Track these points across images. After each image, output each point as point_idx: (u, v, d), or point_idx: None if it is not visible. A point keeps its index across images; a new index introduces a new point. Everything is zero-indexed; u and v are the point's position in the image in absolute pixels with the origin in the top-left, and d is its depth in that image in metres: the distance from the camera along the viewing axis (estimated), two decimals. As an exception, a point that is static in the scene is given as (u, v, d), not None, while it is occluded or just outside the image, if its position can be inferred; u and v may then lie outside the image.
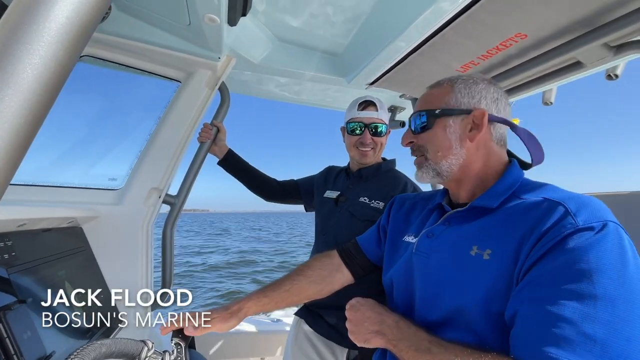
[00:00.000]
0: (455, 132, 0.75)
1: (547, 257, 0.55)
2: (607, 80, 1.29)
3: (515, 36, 1.05)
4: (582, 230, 0.54)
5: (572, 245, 0.54)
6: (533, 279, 0.56)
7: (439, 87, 0.81)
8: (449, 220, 0.77)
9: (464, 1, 0.93)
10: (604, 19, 0.91)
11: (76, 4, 0.27)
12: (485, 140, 0.75)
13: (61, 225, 1.16)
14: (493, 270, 0.62)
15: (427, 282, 0.73)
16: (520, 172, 0.75)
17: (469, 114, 0.74)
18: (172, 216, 1.43)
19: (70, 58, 0.28)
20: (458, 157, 0.75)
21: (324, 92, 1.78)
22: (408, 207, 0.96)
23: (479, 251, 0.65)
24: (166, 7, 1.08)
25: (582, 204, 0.58)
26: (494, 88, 0.77)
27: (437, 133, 0.76)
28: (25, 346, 0.72)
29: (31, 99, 0.26)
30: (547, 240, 0.56)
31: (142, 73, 1.38)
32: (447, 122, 0.76)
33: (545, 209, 0.60)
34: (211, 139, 1.48)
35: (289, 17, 1.27)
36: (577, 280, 0.51)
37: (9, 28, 0.25)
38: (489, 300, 0.61)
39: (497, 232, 0.65)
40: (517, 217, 0.64)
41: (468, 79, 0.78)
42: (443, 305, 0.67)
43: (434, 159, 0.77)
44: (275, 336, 1.88)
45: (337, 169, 1.55)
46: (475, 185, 0.76)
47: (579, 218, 0.56)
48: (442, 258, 0.72)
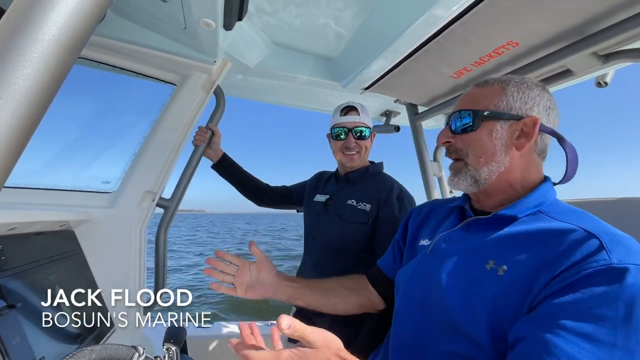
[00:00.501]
0: (502, 137, 0.69)
1: (571, 288, 0.51)
2: (597, 87, 1.32)
3: (507, 44, 1.07)
4: (615, 269, 0.49)
5: (602, 284, 0.49)
6: (550, 308, 0.51)
7: (488, 86, 0.74)
8: (469, 226, 0.73)
9: (457, 9, 0.94)
10: (592, 29, 0.93)
11: (74, 8, 0.28)
12: (529, 151, 0.70)
13: (53, 228, 1.15)
14: (505, 287, 0.59)
15: (436, 285, 0.70)
16: (553, 191, 0.71)
17: (519, 120, 0.69)
18: (166, 219, 1.43)
19: (67, 62, 0.28)
20: (500, 165, 0.70)
21: (320, 96, 1.79)
22: (425, 214, 0.93)
23: (495, 266, 0.62)
24: (162, 11, 1.08)
25: (618, 241, 0.53)
26: (548, 96, 0.72)
27: (482, 137, 0.71)
28: (14, 352, 0.71)
29: (27, 103, 0.26)
30: (574, 272, 0.52)
31: (137, 76, 1.38)
32: (495, 126, 0.70)
33: (576, 239, 0.55)
34: (206, 143, 1.48)
35: (285, 21, 1.28)
36: (600, 324, 0.47)
37: (7, 30, 0.26)
38: (494, 317, 0.58)
39: (517, 249, 0.61)
40: (543, 239, 0.60)
41: (522, 83, 0.72)
42: (446, 312, 0.65)
43: (475, 165, 0.71)
44: (267, 340, 1.86)
45: (327, 174, 1.57)
46: (507, 196, 0.72)
47: (613, 255, 0.51)
48: (455, 265, 0.69)
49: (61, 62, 0.28)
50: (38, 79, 0.26)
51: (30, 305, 0.86)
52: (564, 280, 0.52)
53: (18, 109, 0.25)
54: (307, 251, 1.42)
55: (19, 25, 0.26)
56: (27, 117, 0.26)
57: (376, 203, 1.27)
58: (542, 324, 0.51)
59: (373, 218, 1.26)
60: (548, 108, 0.71)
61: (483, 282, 0.62)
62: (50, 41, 0.26)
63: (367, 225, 1.26)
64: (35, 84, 0.26)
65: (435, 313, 0.68)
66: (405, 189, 1.34)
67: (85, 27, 0.28)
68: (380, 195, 1.28)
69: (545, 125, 0.69)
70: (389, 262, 1.01)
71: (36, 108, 0.27)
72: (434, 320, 0.68)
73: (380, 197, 1.28)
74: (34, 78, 0.26)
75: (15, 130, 0.25)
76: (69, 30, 0.27)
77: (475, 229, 0.72)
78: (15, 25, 0.26)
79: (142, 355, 0.66)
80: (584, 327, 0.48)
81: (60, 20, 0.27)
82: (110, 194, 1.39)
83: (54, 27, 0.27)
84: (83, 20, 0.28)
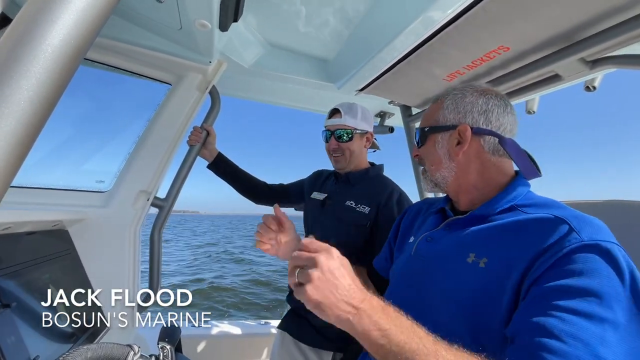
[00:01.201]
0: (444, 147, 0.78)
1: (551, 272, 0.54)
2: (586, 91, 1.35)
3: (499, 48, 1.09)
4: (588, 246, 0.53)
5: (577, 261, 0.52)
6: (538, 294, 0.53)
7: (435, 103, 0.84)
8: (450, 225, 0.78)
9: (451, 13, 0.96)
10: (580, 36, 0.96)
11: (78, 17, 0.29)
12: (476, 153, 0.76)
13: (47, 228, 1.15)
14: (487, 278, 0.62)
15: (423, 284, 0.73)
16: (525, 186, 0.74)
17: (455, 129, 0.76)
18: (161, 219, 1.43)
19: (70, 69, 0.29)
20: (450, 170, 0.78)
21: (314, 96, 1.80)
22: (414, 213, 0.98)
23: (476, 259, 0.65)
24: (157, 11, 1.09)
25: (585, 221, 0.58)
26: (484, 99, 0.76)
27: (429, 148, 0.82)
28: (10, 351, 0.71)
29: (31, 110, 0.27)
30: (549, 255, 0.55)
31: (132, 75, 1.38)
32: (437, 138, 0.80)
33: (548, 225, 0.59)
34: (201, 142, 1.48)
35: (280, 22, 1.29)
36: (588, 300, 0.49)
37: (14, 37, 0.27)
38: (476, 309, 0.61)
39: (495, 242, 0.65)
40: (518, 229, 0.63)
41: (457, 94, 0.79)
42: (434, 309, 0.68)
43: (430, 172, 0.83)
44: (261, 339, 1.88)
45: (326, 172, 1.58)
46: (475, 196, 0.77)
47: (583, 234, 0.55)
48: (439, 263, 0.73)
49: (65, 69, 0.29)
50: (42, 86, 0.27)
51: (25, 304, 0.86)
52: (543, 265, 0.55)
53: (23, 115, 0.26)
54: None
55: (25, 33, 0.27)
56: (31, 124, 0.27)
57: (376, 206, 1.27)
58: (534, 311, 0.52)
59: (372, 221, 1.26)
60: (484, 112, 0.75)
61: (465, 275, 0.65)
62: (53, 49, 0.27)
63: (366, 228, 1.26)
64: (39, 90, 0.27)
65: (421, 313, 0.70)
66: (405, 193, 1.33)
67: (88, 35, 0.30)
68: (380, 198, 1.28)
69: (482, 128, 0.75)
70: (381, 261, 1.03)
71: (40, 115, 0.28)
72: (421, 320, 0.70)
73: (380, 200, 1.28)
74: (38, 86, 0.27)
75: (19, 135, 0.26)
76: (72, 38, 0.28)
77: (455, 227, 0.76)
78: (22, 33, 0.27)
79: (137, 354, 0.66)
80: (573, 304, 0.50)
81: (64, 30, 0.28)
82: (105, 193, 1.39)
83: (58, 36, 0.28)
84: (87, 28, 0.29)
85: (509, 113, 0.77)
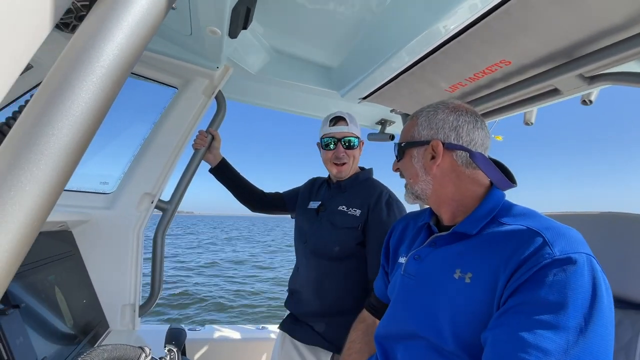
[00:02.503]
0: (419, 161, 0.82)
1: (526, 286, 0.57)
2: (582, 105, 1.39)
3: (500, 62, 1.13)
4: (558, 261, 0.57)
5: (549, 276, 0.56)
6: (510, 307, 0.58)
7: (410, 120, 0.89)
8: (435, 242, 0.80)
9: (455, 28, 0.99)
10: (579, 52, 1.00)
11: (132, 29, 0.31)
12: (450, 166, 0.79)
13: (51, 229, 1.15)
14: (474, 293, 0.64)
15: (415, 304, 0.76)
16: (501, 196, 0.77)
17: (428, 144, 0.80)
18: (164, 222, 1.43)
19: (121, 78, 0.31)
20: (427, 183, 0.82)
21: (318, 103, 1.82)
22: (400, 230, 0.99)
23: (462, 274, 0.68)
24: (169, 17, 1.11)
25: (559, 234, 0.61)
26: (455, 116, 0.81)
27: (406, 163, 0.86)
28: (18, 351, 0.72)
29: (86, 119, 0.29)
30: (525, 270, 0.58)
31: (139, 78, 1.39)
32: (412, 152, 0.84)
33: (523, 238, 0.62)
34: (206, 146, 1.49)
35: (286, 30, 1.31)
36: (553, 312, 0.53)
37: (76, 48, 0.29)
38: (469, 323, 0.63)
39: (478, 256, 0.68)
40: (497, 243, 0.66)
41: (430, 111, 0.84)
42: (429, 328, 0.70)
43: (409, 184, 0.86)
44: (261, 343, 1.88)
45: (320, 180, 1.60)
46: (454, 207, 0.80)
47: (555, 248, 0.58)
48: (428, 281, 0.75)
49: (115, 82, 0.31)
50: (96, 98, 0.29)
51: (32, 305, 0.87)
52: (520, 278, 0.59)
53: (78, 127, 0.28)
54: (299, 256, 1.45)
55: (85, 49, 0.29)
56: (85, 133, 0.29)
57: (366, 208, 1.31)
58: (507, 322, 0.57)
59: (363, 223, 1.30)
60: (455, 127, 0.79)
61: (454, 292, 0.68)
62: (108, 64, 0.29)
63: (357, 230, 1.29)
64: (94, 102, 0.29)
65: (418, 333, 0.73)
66: (394, 194, 1.38)
67: (137, 50, 0.32)
68: (370, 200, 1.32)
69: (453, 143, 0.79)
70: (381, 287, 1.04)
71: (92, 125, 0.30)
72: (418, 340, 0.73)
73: (369, 202, 1.32)
74: (93, 98, 0.29)
75: (77, 141, 0.28)
76: (123, 53, 0.30)
77: (440, 243, 0.79)
78: (81, 49, 0.29)
79: (148, 356, 0.68)
80: (541, 318, 0.54)
81: (117, 46, 0.30)
82: (109, 195, 1.39)
83: (113, 51, 0.30)
84: (137, 44, 0.31)
85: (479, 128, 0.80)
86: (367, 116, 1.99)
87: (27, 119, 0.27)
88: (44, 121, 0.27)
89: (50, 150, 0.26)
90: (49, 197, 0.28)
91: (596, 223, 0.84)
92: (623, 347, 0.71)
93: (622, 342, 0.72)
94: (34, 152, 0.26)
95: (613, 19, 0.86)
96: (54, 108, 0.27)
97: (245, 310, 7.31)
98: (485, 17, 0.93)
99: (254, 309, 7.43)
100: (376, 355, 0.85)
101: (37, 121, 0.27)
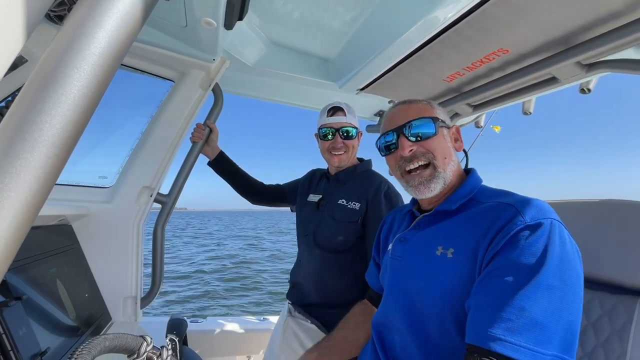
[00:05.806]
0: (450, 140, 0.85)
1: (502, 252, 0.63)
2: (581, 93, 1.39)
3: (498, 51, 1.12)
4: (530, 226, 0.62)
5: (522, 240, 0.62)
6: (489, 272, 0.63)
7: (418, 103, 0.88)
8: (419, 224, 0.84)
9: (452, 16, 0.98)
10: (577, 40, 0.99)
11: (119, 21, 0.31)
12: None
13: (51, 223, 1.16)
14: (456, 267, 0.69)
15: (405, 284, 0.79)
16: (479, 180, 0.84)
17: (451, 128, 0.87)
18: (163, 215, 1.44)
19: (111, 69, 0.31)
20: (454, 163, 0.84)
21: (316, 95, 1.81)
22: (390, 221, 1.02)
23: (444, 250, 0.72)
24: (163, 9, 1.09)
25: (529, 205, 0.67)
26: (442, 110, 0.89)
27: (442, 140, 0.82)
28: (21, 343, 0.73)
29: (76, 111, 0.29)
30: (501, 237, 0.64)
31: (136, 71, 1.38)
32: (444, 130, 0.85)
33: (499, 211, 0.68)
34: (203, 139, 1.49)
35: (283, 21, 1.30)
36: (527, 271, 0.58)
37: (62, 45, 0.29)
38: (453, 296, 0.67)
39: (459, 233, 0.73)
40: (476, 218, 0.72)
41: (430, 102, 0.90)
42: (421, 306, 0.74)
43: (442, 166, 0.79)
44: (260, 335, 1.91)
45: (320, 172, 1.60)
46: (447, 191, 0.83)
47: (527, 216, 0.64)
48: (413, 259, 0.79)
49: (105, 73, 0.31)
50: (87, 89, 0.29)
51: (34, 298, 0.88)
52: (496, 246, 0.64)
53: (70, 116, 0.28)
54: (301, 249, 1.46)
55: (74, 39, 0.29)
56: (77, 122, 0.29)
57: (365, 201, 1.31)
58: (486, 286, 0.62)
59: (362, 216, 1.30)
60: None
61: (437, 268, 0.72)
62: (97, 55, 0.29)
63: (357, 224, 1.30)
64: (84, 93, 0.29)
65: (412, 312, 0.76)
66: (393, 186, 1.38)
67: (126, 41, 0.32)
68: (369, 193, 1.32)
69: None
70: (373, 279, 1.06)
71: (84, 114, 0.30)
72: (413, 319, 0.76)
73: (368, 195, 1.32)
74: (84, 88, 0.29)
75: (69, 132, 0.28)
76: (112, 44, 0.30)
77: (424, 225, 0.83)
78: (70, 40, 0.29)
79: (149, 345, 0.69)
80: (514, 279, 0.58)
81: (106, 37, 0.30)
82: (108, 189, 1.39)
83: (101, 43, 0.30)
84: (125, 35, 0.31)
85: None
86: (366, 108, 1.98)
87: (18, 110, 0.27)
88: (35, 112, 0.27)
89: (43, 138, 0.26)
90: (43, 186, 0.28)
91: (597, 210, 0.85)
92: (617, 332, 0.72)
93: (616, 327, 0.73)
94: (27, 140, 0.26)
95: (611, 5, 0.85)
96: (44, 98, 0.27)
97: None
98: (482, 4, 0.92)
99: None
100: (372, 340, 0.87)
101: (28, 112, 0.27)
